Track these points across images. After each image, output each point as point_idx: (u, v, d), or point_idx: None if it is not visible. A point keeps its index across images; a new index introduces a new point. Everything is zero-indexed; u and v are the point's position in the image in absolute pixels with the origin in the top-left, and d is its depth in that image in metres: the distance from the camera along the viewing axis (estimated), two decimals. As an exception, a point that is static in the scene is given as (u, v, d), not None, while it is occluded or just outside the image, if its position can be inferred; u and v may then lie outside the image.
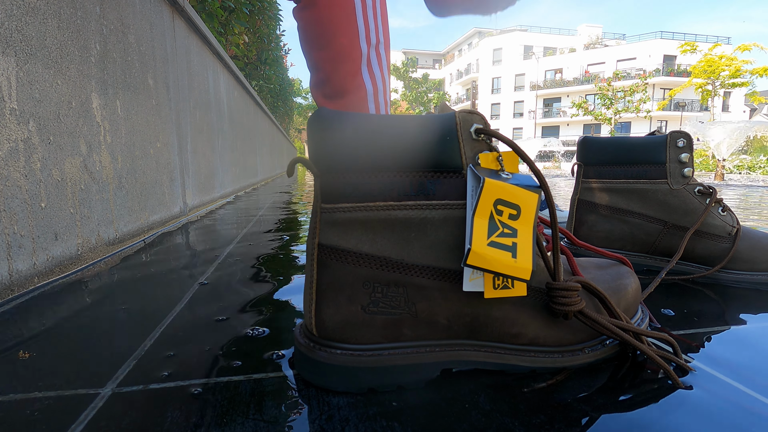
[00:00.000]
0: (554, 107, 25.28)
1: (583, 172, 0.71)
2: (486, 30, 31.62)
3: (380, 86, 0.67)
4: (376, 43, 0.66)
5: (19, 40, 0.55)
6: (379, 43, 0.67)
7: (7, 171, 0.52)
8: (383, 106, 0.68)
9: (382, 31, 0.67)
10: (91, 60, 0.73)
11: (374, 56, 0.66)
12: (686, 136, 0.62)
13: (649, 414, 0.29)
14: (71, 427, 0.27)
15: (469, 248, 0.29)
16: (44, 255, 0.58)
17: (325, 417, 0.28)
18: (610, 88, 17.44)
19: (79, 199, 0.68)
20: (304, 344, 0.33)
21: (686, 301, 0.51)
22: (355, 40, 0.64)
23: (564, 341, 0.34)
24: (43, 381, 0.33)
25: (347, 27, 0.63)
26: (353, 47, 0.64)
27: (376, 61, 0.66)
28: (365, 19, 0.64)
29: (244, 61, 3.35)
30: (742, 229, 0.61)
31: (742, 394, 0.31)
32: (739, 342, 0.40)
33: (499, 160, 0.31)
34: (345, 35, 0.63)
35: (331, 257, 0.31)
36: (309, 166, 0.31)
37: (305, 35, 0.67)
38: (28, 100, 0.56)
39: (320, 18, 0.64)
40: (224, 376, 0.33)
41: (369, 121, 0.31)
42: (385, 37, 0.69)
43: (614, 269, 0.40)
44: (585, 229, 0.70)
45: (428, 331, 0.32)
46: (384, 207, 0.31)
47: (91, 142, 0.72)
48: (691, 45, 15.72)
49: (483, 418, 0.28)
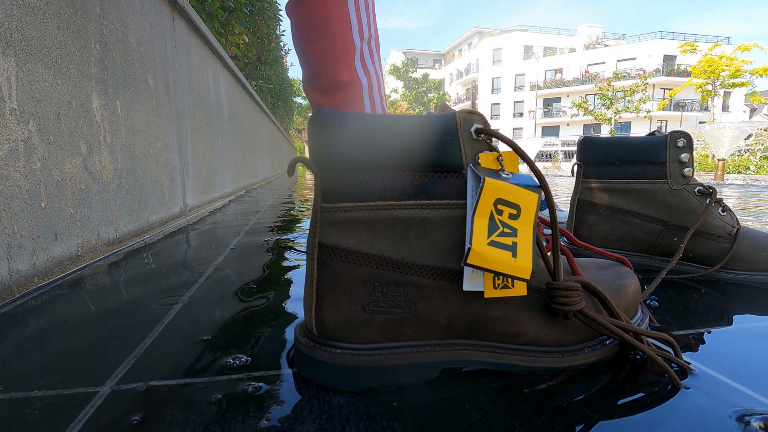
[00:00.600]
0: (554, 107, 25.28)
1: (583, 172, 0.71)
2: (486, 30, 31.63)
3: (374, 81, 0.66)
4: (368, 38, 0.65)
5: (19, 40, 0.55)
6: (371, 38, 0.66)
7: (7, 171, 0.52)
8: (378, 102, 0.67)
9: (373, 28, 0.67)
10: (91, 60, 0.73)
11: (367, 51, 0.65)
12: (686, 136, 0.62)
13: (650, 415, 0.29)
14: (71, 426, 0.27)
15: (469, 247, 0.29)
16: (44, 255, 0.58)
17: (326, 416, 0.28)
18: (610, 88, 17.45)
19: (79, 199, 0.68)
20: (305, 343, 0.33)
21: (686, 301, 0.51)
22: (348, 34, 0.63)
23: (564, 341, 0.34)
24: (43, 380, 0.33)
25: (340, 20, 0.63)
26: (346, 40, 0.63)
27: (369, 56, 0.66)
28: (358, 13, 0.63)
29: (244, 61, 3.35)
30: (742, 229, 0.61)
31: (742, 395, 0.31)
32: (740, 342, 0.40)
33: (499, 159, 0.31)
34: (338, 28, 0.63)
35: (332, 257, 0.31)
36: (309, 165, 0.31)
37: (298, 29, 0.67)
38: (28, 100, 0.56)
39: (313, 11, 0.64)
40: (224, 375, 0.33)
41: (370, 121, 0.31)
42: (376, 34, 0.68)
43: (614, 269, 0.40)
44: (585, 229, 0.70)
45: (428, 331, 0.32)
46: (384, 206, 0.31)
47: (91, 142, 0.72)
48: (691, 45, 15.72)
49: (483, 419, 0.28)
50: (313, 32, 0.64)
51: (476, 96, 15.35)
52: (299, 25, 0.66)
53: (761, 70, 13.52)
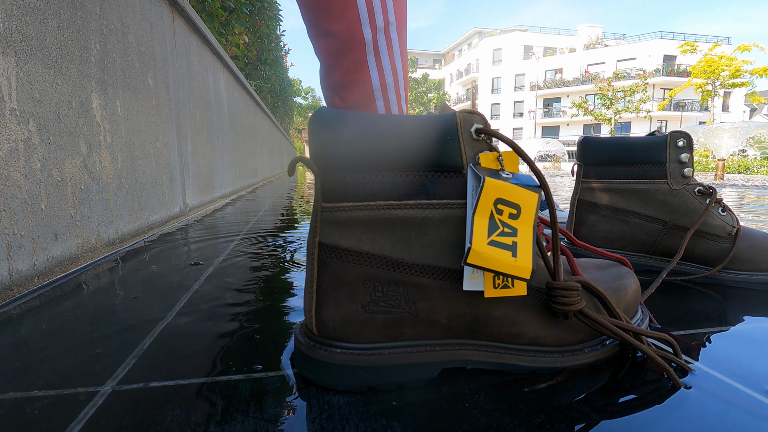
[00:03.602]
0: (554, 107, 25.28)
1: (583, 172, 0.71)
2: (486, 30, 31.63)
3: (390, 80, 0.55)
4: (384, 25, 0.53)
5: (19, 40, 0.55)
6: (389, 25, 0.54)
7: (7, 171, 0.52)
8: (395, 103, 0.56)
9: (392, 8, 0.54)
10: (91, 60, 0.73)
11: (383, 43, 0.54)
12: (686, 136, 0.62)
13: (650, 414, 0.29)
14: (71, 426, 0.27)
15: (469, 247, 0.29)
16: (44, 255, 0.58)
17: (326, 416, 0.28)
18: (610, 88, 17.45)
19: (79, 199, 0.68)
20: (305, 343, 0.33)
21: (686, 302, 0.51)
22: (357, 26, 0.52)
23: (564, 341, 0.34)
24: (43, 380, 0.33)
25: (344, 10, 0.52)
26: (353, 34, 0.53)
27: (386, 48, 0.54)
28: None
29: (244, 61, 3.35)
30: (742, 229, 0.61)
31: (742, 394, 0.31)
32: (739, 342, 0.40)
33: (499, 159, 0.31)
34: (342, 20, 0.52)
35: (332, 256, 0.31)
36: (310, 165, 0.31)
37: (304, 19, 0.57)
38: (28, 100, 0.56)
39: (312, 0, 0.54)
40: (224, 375, 0.33)
41: (370, 121, 0.31)
42: (398, 15, 0.55)
43: (614, 270, 0.40)
44: (585, 229, 0.70)
45: (428, 331, 0.32)
46: (384, 206, 0.31)
47: (91, 142, 0.72)
48: (691, 45, 15.71)
49: (483, 418, 0.28)
50: (316, 26, 0.55)
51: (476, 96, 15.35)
52: (303, 16, 0.57)
53: (761, 70, 13.52)
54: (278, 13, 4.17)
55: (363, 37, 0.53)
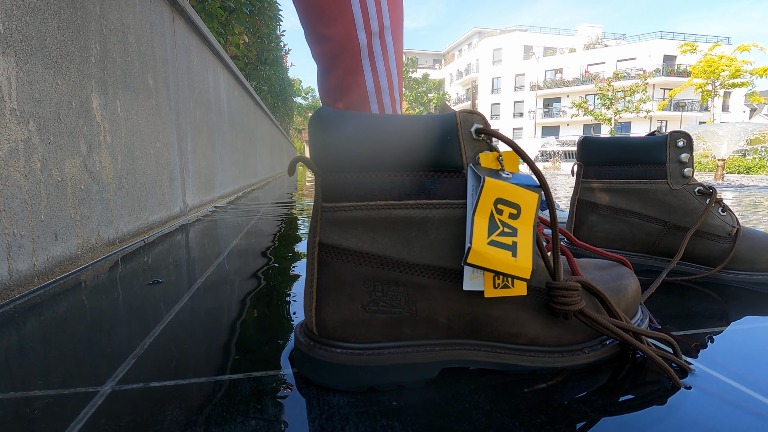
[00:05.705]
0: (554, 107, 25.28)
1: (583, 172, 0.71)
2: (486, 30, 31.63)
3: (384, 84, 0.56)
4: (379, 29, 0.54)
5: (19, 40, 0.55)
6: (383, 29, 0.54)
7: (7, 171, 0.52)
8: (389, 106, 0.57)
9: (387, 13, 0.55)
10: (91, 60, 0.73)
11: (378, 46, 0.55)
12: (686, 136, 0.62)
13: (650, 414, 0.29)
14: (71, 425, 0.27)
15: (469, 247, 0.29)
16: (44, 255, 0.58)
17: (326, 416, 0.28)
18: (610, 88, 17.45)
19: (79, 199, 0.68)
20: (305, 343, 0.33)
21: (686, 302, 0.51)
22: (352, 30, 0.53)
23: (564, 341, 0.34)
24: (43, 379, 0.33)
25: (339, 14, 0.52)
26: (348, 39, 0.53)
27: (381, 51, 0.55)
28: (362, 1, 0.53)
29: (244, 61, 3.34)
30: (742, 229, 0.61)
31: (742, 394, 0.31)
32: (740, 342, 0.40)
33: (499, 159, 0.31)
34: (337, 25, 0.53)
35: (332, 256, 0.31)
36: (310, 165, 0.31)
37: (302, 23, 0.58)
38: (28, 100, 0.56)
39: (308, 3, 0.54)
40: (224, 375, 0.33)
41: (370, 121, 0.31)
42: (394, 18, 0.56)
43: (614, 270, 0.40)
44: (585, 229, 0.70)
45: (428, 331, 0.32)
46: (385, 206, 0.31)
47: (91, 142, 0.72)
48: (691, 45, 15.71)
49: (483, 418, 0.28)
50: (312, 31, 0.56)
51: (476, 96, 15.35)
52: (300, 20, 0.58)
53: (761, 70, 13.51)
54: (278, 13, 4.17)
55: (358, 42, 0.54)
